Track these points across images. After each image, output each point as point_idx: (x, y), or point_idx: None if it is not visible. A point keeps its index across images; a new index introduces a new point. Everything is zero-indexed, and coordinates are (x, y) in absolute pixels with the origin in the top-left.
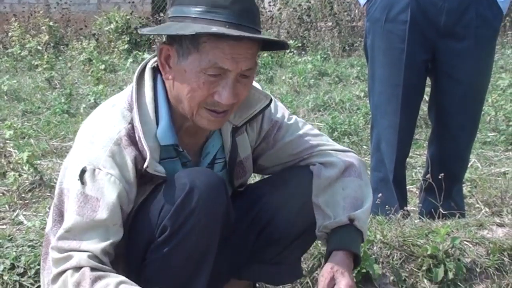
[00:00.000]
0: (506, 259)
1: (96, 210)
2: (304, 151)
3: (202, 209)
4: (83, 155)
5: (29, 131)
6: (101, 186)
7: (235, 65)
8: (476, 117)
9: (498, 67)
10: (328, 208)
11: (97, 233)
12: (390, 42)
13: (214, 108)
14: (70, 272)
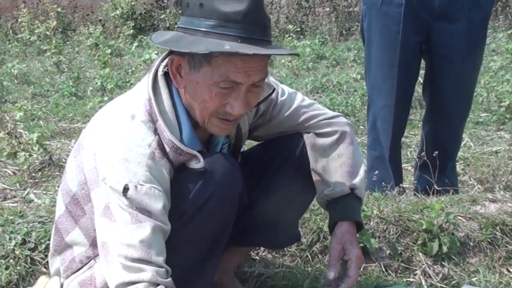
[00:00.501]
0: (498, 233)
1: (151, 215)
2: (298, 125)
3: (219, 194)
4: (121, 172)
5: (39, 113)
6: (148, 199)
7: (247, 78)
8: (469, 97)
9: (490, 50)
10: (327, 175)
11: (158, 243)
12: (385, 24)
13: (226, 117)
14: (144, 285)
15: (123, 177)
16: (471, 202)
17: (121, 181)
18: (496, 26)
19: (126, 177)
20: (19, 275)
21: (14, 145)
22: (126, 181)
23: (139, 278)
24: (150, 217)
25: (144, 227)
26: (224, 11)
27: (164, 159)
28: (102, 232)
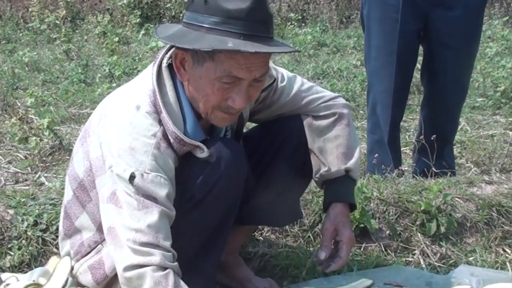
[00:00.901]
0: (494, 214)
1: (157, 201)
2: (298, 110)
3: (226, 179)
4: (128, 161)
5: (49, 99)
6: (153, 187)
7: (249, 74)
8: (465, 82)
9: (486, 37)
10: (323, 156)
11: (165, 228)
12: (385, 12)
13: (228, 110)
14: (152, 268)
15: (130, 166)
16: (468, 184)
17: (127, 169)
18: (492, 14)
19: (132, 166)
20: (31, 255)
21: (25, 130)
22: (132, 169)
23: (148, 261)
24: (156, 203)
25: (151, 213)
26: (228, 8)
27: (169, 149)
28: (109, 217)
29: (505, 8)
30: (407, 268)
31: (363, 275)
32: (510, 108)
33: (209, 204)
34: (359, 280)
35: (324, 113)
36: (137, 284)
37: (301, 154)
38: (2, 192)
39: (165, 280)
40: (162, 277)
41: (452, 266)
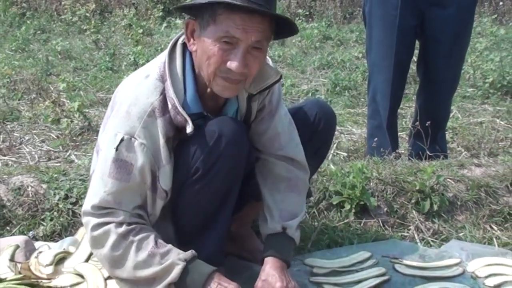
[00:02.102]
0: (482, 194)
1: (131, 173)
2: (271, 151)
3: (228, 153)
4: (121, 125)
5: (79, 85)
6: (135, 154)
7: (245, 35)
8: (457, 73)
9: (476, 33)
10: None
11: (133, 194)
12: (385, 9)
13: (227, 75)
14: (115, 224)
15: (122, 129)
16: (459, 167)
17: (118, 134)
18: (482, 12)
19: (124, 129)
20: (61, 226)
21: (57, 112)
22: (123, 133)
23: (111, 220)
24: (130, 173)
25: (119, 184)
26: None
27: (162, 117)
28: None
29: (494, 7)
30: (402, 242)
31: (362, 248)
32: (497, 98)
33: (212, 178)
34: (358, 252)
35: (286, 175)
36: (104, 239)
37: (316, 141)
38: (36, 168)
39: (130, 231)
40: (127, 231)
41: (444, 241)
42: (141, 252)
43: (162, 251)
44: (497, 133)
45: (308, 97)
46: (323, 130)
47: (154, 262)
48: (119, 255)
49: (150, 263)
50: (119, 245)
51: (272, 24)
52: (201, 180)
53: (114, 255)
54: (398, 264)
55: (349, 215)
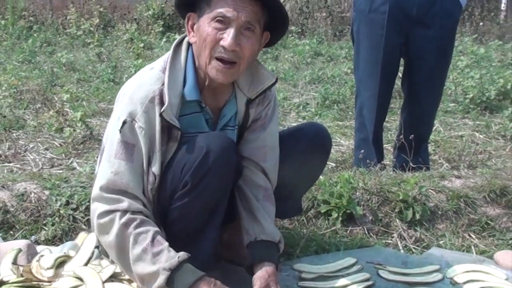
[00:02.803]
0: (462, 204)
1: (133, 153)
2: (254, 159)
3: (216, 168)
4: (124, 109)
5: (82, 95)
6: (136, 135)
7: (236, 14)
8: (439, 90)
9: (458, 51)
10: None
11: (138, 176)
12: (372, 29)
13: (221, 55)
14: (119, 213)
15: (124, 113)
16: (440, 178)
17: (121, 116)
18: (464, 32)
19: (127, 112)
20: (62, 231)
21: (61, 122)
22: (126, 116)
23: (117, 207)
24: (132, 154)
25: (124, 164)
26: None
27: (159, 105)
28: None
29: (475, 27)
30: (386, 249)
31: (348, 254)
32: (477, 113)
33: (201, 192)
34: (345, 259)
35: (264, 186)
36: (109, 227)
37: (311, 164)
38: (39, 175)
39: (131, 221)
40: (128, 220)
41: (425, 248)
42: (137, 245)
43: (155, 251)
44: (477, 146)
45: (299, 110)
46: (318, 155)
47: (146, 259)
48: (122, 244)
49: (143, 258)
50: (122, 234)
51: (264, 11)
52: (190, 193)
53: (118, 243)
54: (382, 270)
55: (336, 223)
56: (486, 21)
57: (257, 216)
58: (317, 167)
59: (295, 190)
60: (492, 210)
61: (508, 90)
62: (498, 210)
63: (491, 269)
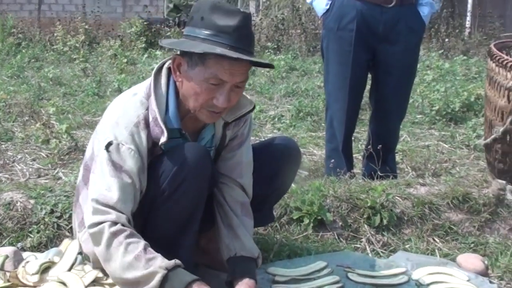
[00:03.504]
0: (426, 210)
1: (121, 173)
2: (231, 176)
3: (192, 176)
4: (110, 132)
5: (68, 108)
6: (124, 157)
7: (232, 78)
8: (405, 102)
9: (425, 66)
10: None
11: (126, 194)
12: (341, 45)
13: (213, 109)
14: (108, 224)
15: (110, 135)
16: (406, 185)
17: (107, 138)
18: (430, 47)
19: (112, 136)
20: (47, 238)
21: (47, 134)
22: (111, 139)
23: (105, 219)
24: (121, 172)
25: (115, 181)
26: (219, 24)
27: (146, 129)
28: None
29: (441, 43)
30: (355, 253)
31: (319, 258)
32: (442, 124)
33: (178, 199)
34: (316, 262)
35: (242, 201)
36: (99, 237)
37: (281, 177)
38: (25, 185)
39: (121, 231)
40: (117, 230)
41: (392, 252)
42: (128, 254)
43: (148, 257)
44: (441, 155)
45: (274, 122)
46: (288, 168)
47: (139, 266)
48: (110, 253)
49: (135, 266)
50: (111, 243)
51: (252, 62)
52: (168, 200)
53: (106, 252)
54: (351, 273)
55: (307, 229)
56: (452, 37)
57: (237, 232)
58: (288, 178)
59: (267, 200)
60: (455, 215)
61: (472, 103)
62: (461, 215)
63: (454, 271)
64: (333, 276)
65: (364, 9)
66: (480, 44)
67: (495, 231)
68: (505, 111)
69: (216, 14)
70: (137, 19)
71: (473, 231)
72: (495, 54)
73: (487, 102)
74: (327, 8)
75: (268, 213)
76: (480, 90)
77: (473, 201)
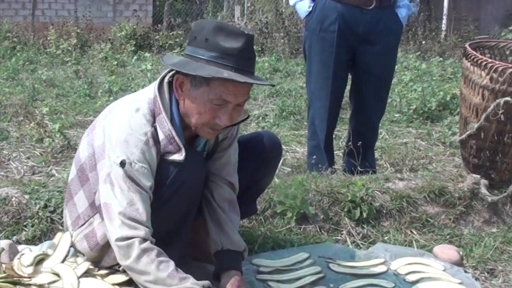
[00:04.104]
0: (404, 203)
1: (140, 191)
2: (220, 174)
3: (189, 181)
4: (121, 151)
5: (61, 109)
6: (138, 175)
7: (235, 99)
8: (384, 101)
9: (403, 67)
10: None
11: (146, 209)
12: (323, 46)
13: (214, 127)
14: (138, 240)
15: (122, 154)
16: (385, 180)
17: (120, 156)
18: (408, 49)
19: (124, 155)
20: (41, 232)
21: (41, 133)
22: (124, 157)
23: (135, 234)
24: (140, 188)
25: (136, 195)
26: (224, 46)
27: (156, 145)
28: (105, 195)
29: (418, 45)
30: (336, 245)
31: (302, 250)
32: (419, 122)
33: (175, 202)
34: (298, 254)
35: (229, 198)
36: (127, 252)
37: (263, 169)
38: (20, 181)
39: (151, 249)
40: (148, 247)
41: (371, 243)
42: (161, 272)
43: (181, 276)
44: (419, 151)
45: (259, 121)
46: (270, 161)
47: (172, 284)
48: (141, 269)
49: (169, 283)
50: (141, 259)
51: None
52: (166, 203)
53: (136, 267)
54: (332, 263)
55: (290, 222)
56: (428, 40)
57: (224, 227)
58: (270, 170)
59: (250, 192)
60: (432, 208)
61: (448, 102)
62: (437, 208)
63: (430, 261)
64: (315, 266)
65: (345, 11)
66: (456, 46)
67: (470, 223)
68: (480, 108)
69: (220, 36)
70: (126, 23)
71: (449, 223)
72: (470, 53)
73: (462, 100)
74: (310, 11)
75: (252, 205)
76: (455, 89)
77: (449, 195)
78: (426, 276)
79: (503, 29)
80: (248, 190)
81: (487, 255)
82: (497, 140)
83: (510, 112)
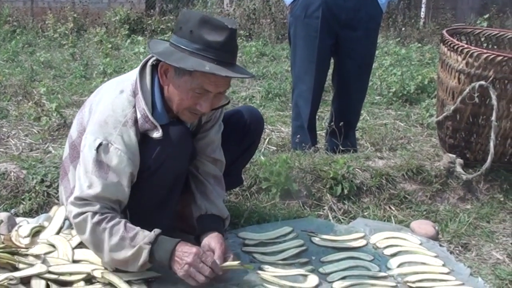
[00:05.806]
0: (383, 181)
1: (108, 173)
2: (205, 153)
3: (175, 153)
4: (99, 131)
5: (57, 89)
6: (111, 156)
7: (216, 89)
8: (365, 84)
9: (383, 52)
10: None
11: (110, 191)
12: (307, 32)
13: (195, 112)
14: (91, 214)
15: (101, 135)
16: (365, 159)
17: (97, 139)
18: (388, 35)
19: (102, 136)
20: (38, 205)
21: (39, 112)
22: (102, 138)
23: (88, 209)
24: (107, 173)
25: (99, 181)
26: (208, 39)
27: (134, 126)
28: (76, 173)
29: (398, 31)
30: (318, 219)
31: (285, 224)
32: (399, 104)
33: (161, 174)
34: (282, 227)
35: (215, 174)
36: (83, 226)
37: (246, 142)
38: (18, 157)
39: (103, 219)
40: (100, 219)
41: (352, 219)
42: (113, 237)
43: (131, 235)
44: (398, 132)
45: (246, 102)
46: (253, 133)
47: (125, 245)
48: (97, 240)
49: (122, 246)
50: (95, 231)
51: None
52: (153, 175)
53: (93, 240)
54: (314, 237)
55: (275, 197)
56: (408, 26)
57: (209, 196)
58: (253, 143)
59: (236, 164)
60: (409, 186)
61: (425, 85)
62: (414, 186)
63: (407, 235)
64: (298, 240)
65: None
66: (434, 33)
67: (445, 200)
68: (456, 91)
69: (205, 29)
70: (121, 8)
71: (425, 200)
72: (447, 39)
73: (440, 83)
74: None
75: (238, 176)
76: (433, 74)
77: (426, 173)
78: (403, 249)
79: (479, 17)
80: (233, 163)
81: (461, 230)
82: (472, 121)
83: (485, 95)
